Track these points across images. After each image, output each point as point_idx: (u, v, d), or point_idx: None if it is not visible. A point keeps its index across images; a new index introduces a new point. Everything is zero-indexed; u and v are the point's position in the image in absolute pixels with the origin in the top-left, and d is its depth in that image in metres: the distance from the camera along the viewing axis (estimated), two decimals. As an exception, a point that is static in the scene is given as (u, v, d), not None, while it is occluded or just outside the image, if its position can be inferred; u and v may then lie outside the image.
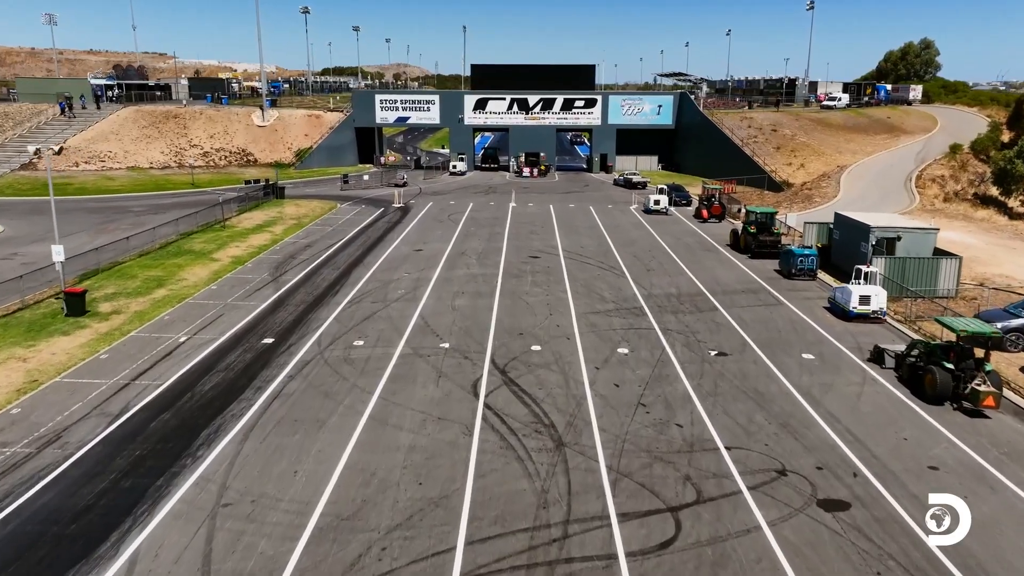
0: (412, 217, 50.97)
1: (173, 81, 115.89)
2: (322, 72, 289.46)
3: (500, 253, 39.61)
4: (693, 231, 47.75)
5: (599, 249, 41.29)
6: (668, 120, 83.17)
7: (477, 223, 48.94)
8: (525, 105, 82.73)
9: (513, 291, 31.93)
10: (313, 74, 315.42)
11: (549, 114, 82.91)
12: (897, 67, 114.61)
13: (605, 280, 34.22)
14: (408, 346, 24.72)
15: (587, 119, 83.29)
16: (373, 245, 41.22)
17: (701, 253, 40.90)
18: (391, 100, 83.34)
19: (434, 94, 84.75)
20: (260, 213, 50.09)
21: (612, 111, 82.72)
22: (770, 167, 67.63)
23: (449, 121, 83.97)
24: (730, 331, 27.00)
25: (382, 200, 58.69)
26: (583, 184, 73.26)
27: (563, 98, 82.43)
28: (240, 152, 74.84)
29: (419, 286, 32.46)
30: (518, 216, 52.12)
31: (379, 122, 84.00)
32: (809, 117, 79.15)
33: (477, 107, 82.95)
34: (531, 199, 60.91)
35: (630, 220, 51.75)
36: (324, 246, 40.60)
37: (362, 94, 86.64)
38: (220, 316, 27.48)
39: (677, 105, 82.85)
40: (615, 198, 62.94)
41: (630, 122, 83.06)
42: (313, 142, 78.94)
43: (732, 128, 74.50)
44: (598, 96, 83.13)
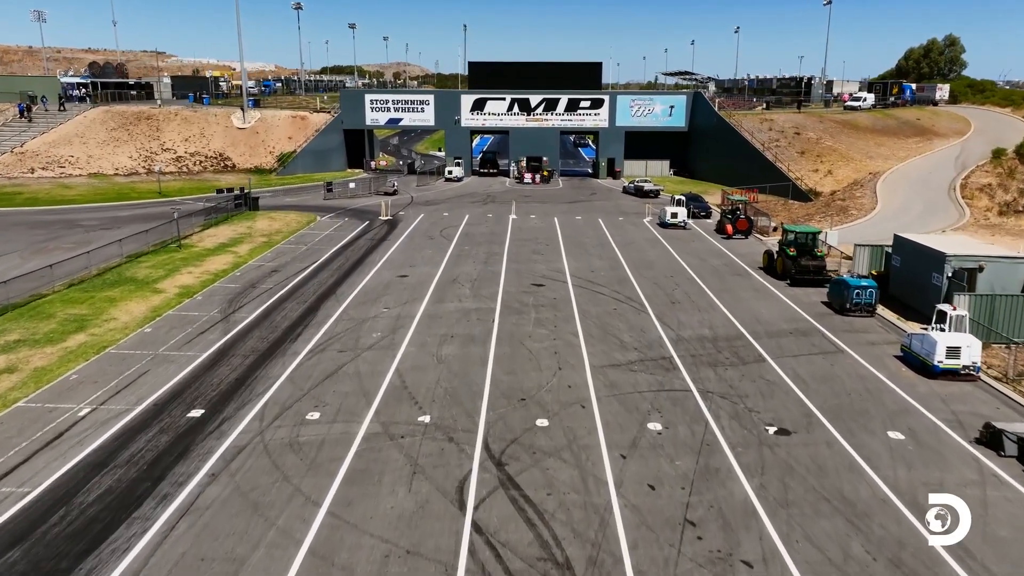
0: (400, 232, 45.51)
1: (155, 80, 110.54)
2: (320, 71, 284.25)
3: (498, 280, 34.15)
4: (718, 250, 42.25)
5: (613, 274, 35.81)
6: (680, 122, 77.70)
7: (473, 240, 43.50)
8: (526, 106, 77.30)
9: (513, 333, 26.45)
10: (310, 73, 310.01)
11: (552, 115, 77.46)
12: (920, 65, 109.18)
13: (623, 317, 28.75)
14: (377, 420, 19.25)
15: (593, 121, 77.85)
16: (351, 269, 35.74)
17: (732, 279, 35.40)
18: (382, 100, 77.89)
19: (428, 94, 79.39)
20: (227, 229, 44.61)
21: (620, 112, 77.26)
22: (794, 174, 62.15)
23: (445, 123, 78.54)
24: (786, 393, 21.51)
25: (368, 211, 53.22)
26: (589, 192, 67.80)
27: (567, 98, 77.00)
28: (217, 157, 69.41)
29: (399, 326, 26.98)
30: (519, 231, 46.67)
31: (369, 124, 78.55)
32: (834, 119, 73.64)
33: (475, 108, 77.52)
34: (533, 210, 55.46)
35: (644, 235, 46.28)
36: (294, 271, 35.12)
37: (351, 94, 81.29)
38: (144, 374, 22.00)
39: (690, 106, 77.39)
40: (625, 208, 57.47)
41: (640, 124, 77.60)
42: (297, 146, 73.51)
43: (751, 131, 69.03)
44: (605, 96, 77.69)
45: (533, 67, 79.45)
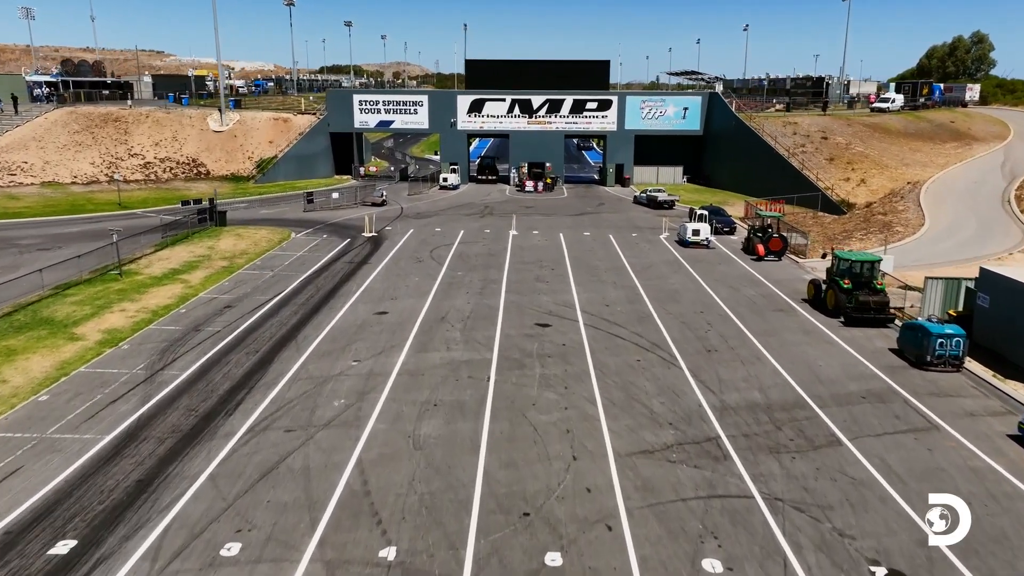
0: (384, 253, 40.00)
1: (135, 79, 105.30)
2: (319, 70, 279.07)
3: (495, 317, 28.66)
4: (750, 276, 36.71)
5: (631, 308, 30.30)
6: (695, 125, 72.20)
7: (467, 263, 38.00)
8: (528, 107, 71.82)
9: (512, 399, 20.97)
10: (308, 72, 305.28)
11: (556, 118, 71.98)
12: (944, 64, 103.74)
13: (650, 372, 23.25)
14: (320, 558, 13.73)
15: (600, 124, 72.35)
16: (321, 303, 30.23)
17: (773, 316, 29.88)
18: (371, 101, 72.41)
19: (422, 94, 73.89)
20: (184, 250, 39.08)
21: (630, 115, 71.77)
22: (824, 183, 56.64)
23: (440, 126, 73.05)
24: (883, 502, 16.00)
25: (351, 226, 47.72)
26: (597, 202, 62.29)
27: (572, 99, 71.51)
28: (189, 163, 63.94)
29: (369, 389, 21.49)
30: (520, 251, 41.17)
31: (358, 127, 73.06)
32: (862, 122, 68.13)
33: (472, 109, 72.05)
34: (536, 224, 49.97)
35: (663, 257, 40.78)
36: (252, 306, 29.63)
37: (338, 94, 75.82)
38: (11, 475, 16.47)
39: (706, 108, 71.88)
40: (638, 222, 51.98)
41: (651, 127, 72.11)
42: (278, 151, 68.04)
43: (774, 135, 63.53)
44: (614, 97, 72.19)
45: (535, 66, 73.99)
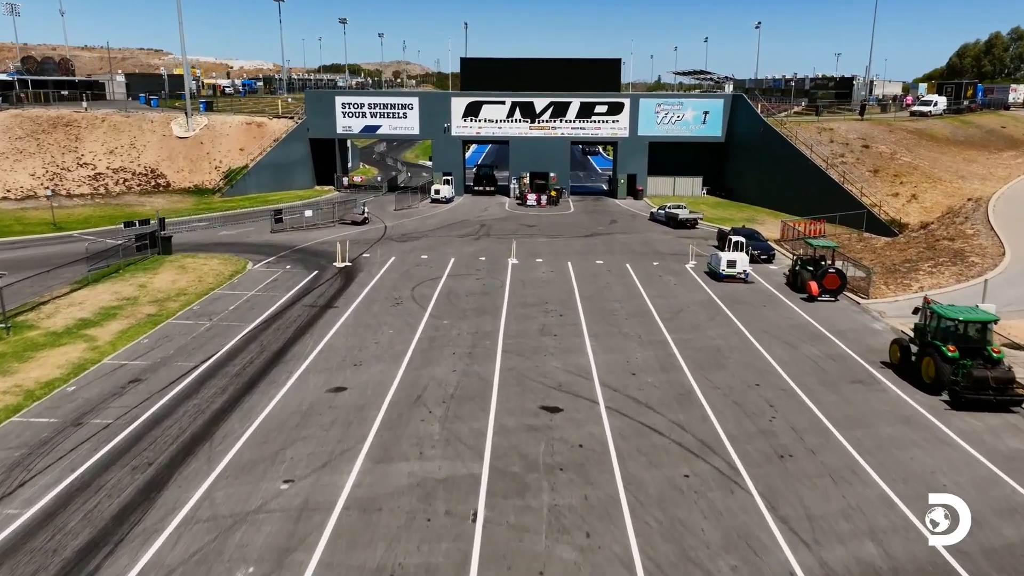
0: (355, 292, 33.10)
1: (107, 78, 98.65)
2: (318, 69, 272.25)
3: (488, 397, 21.76)
4: (806, 324, 29.76)
5: (666, 380, 23.38)
6: (716, 131, 65.30)
7: (455, 306, 31.11)
8: (530, 111, 64.94)
9: (510, 562, 14.07)
10: (307, 71, 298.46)
11: (561, 123, 65.09)
12: (980, 63, 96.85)
13: (707, 503, 16.31)
14: None
15: (611, 129, 65.45)
16: (259, 375, 23.28)
17: (853, 391, 22.94)
18: (356, 104, 65.51)
19: (411, 96, 67.02)
20: (107, 290, 32.09)
21: (644, 119, 64.89)
22: (869, 199, 49.75)
23: (432, 131, 66.16)
24: None
25: (322, 252, 40.83)
26: (608, 219, 55.38)
27: (580, 102, 64.62)
28: (147, 173, 57.08)
29: (295, 547, 14.51)
30: (521, 287, 34.27)
31: (341, 132, 66.19)
32: (905, 128, 61.22)
33: (468, 113, 65.17)
34: (539, 248, 43.08)
35: (694, 295, 33.87)
36: (167, 379, 22.69)
37: (318, 96, 68.80)
38: None
39: (729, 112, 64.97)
40: (659, 245, 45.06)
41: (667, 133, 65.21)
42: (250, 159, 61.16)
43: (808, 143, 56.60)
44: (626, 100, 65.27)
45: (538, 65, 67.13)
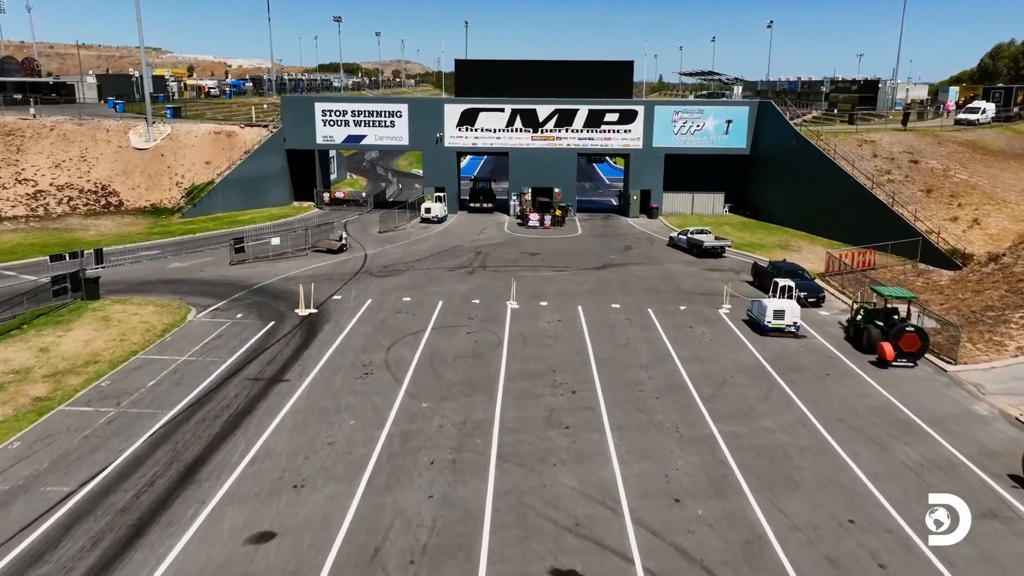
0: (314, 355, 26.71)
1: (76, 79, 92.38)
2: (318, 68, 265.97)
3: (474, 550, 15.37)
4: (889, 407, 23.28)
5: (724, 512, 16.92)
6: (741, 143, 58.89)
7: (439, 378, 24.72)
8: (533, 119, 58.56)
9: None
10: (305, 71, 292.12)
11: (568, 133, 58.71)
12: (1018, 64, 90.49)
13: None
14: None
15: (622, 140, 59.06)
16: (156, 510, 16.78)
17: (985, 529, 16.54)
18: (338, 111, 59.12)
19: (400, 103, 60.58)
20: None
21: (659, 129, 58.51)
22: (925, 224, 43.37)
23: (423, 142, 59.77)
24: None
25: (284, 294, 34.40)
26: (622, 243, 48.99)
27: (588, 109, 58.26)
28: (98, 191, 50.70)
29: None
30: (522, 346, 27.87)
31: (321, 143, 59.80)
32: (955, 140, 54.79)
33: (463, 122, 58.80)
34: (544, 286, 36.68)
35: (737, 357, 27.47)
36: (18, 522, 16.28)
37: (295, 102, 62.35)
38: None
39: (754, 121, 58.56)
40: (683, 281, 38.65)
41: (685, 145, 58.82)
42: (217, 173, 54.77)
43: (849, 158, 50.19)
44: (639, 107, 58.85)
45: (541, 68, 60.78)
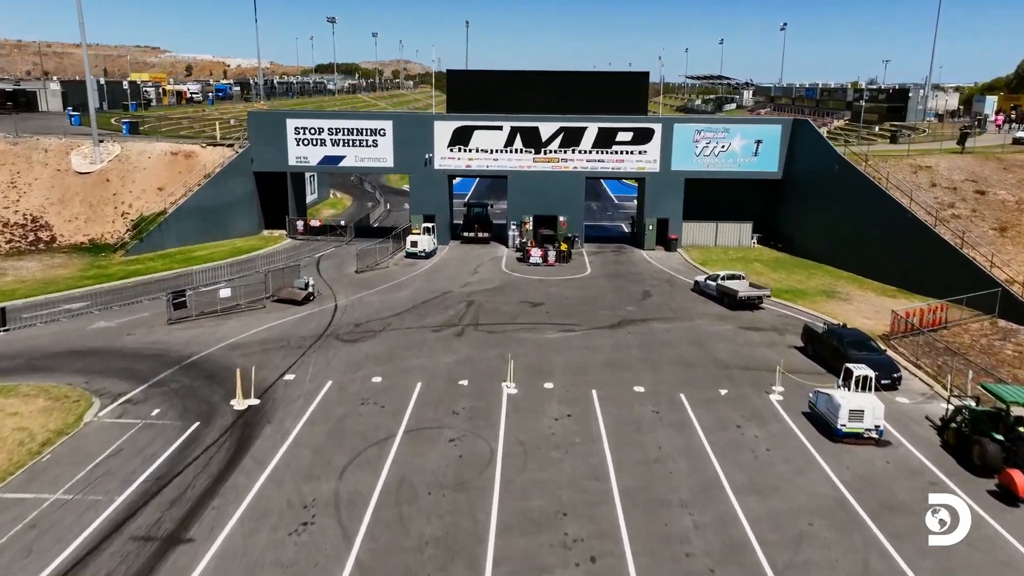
0: (240, 486, 19.72)
1: (39, 86, 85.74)
2: (316, 69, 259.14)
3: None
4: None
5: None
6: (772, 166, 51.96)
7: (405, 531, 17.69)
8: (535, 139, 51.71)
9: None
10: (303, 72, 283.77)
11: (574, 154, 51.86)
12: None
13: None
14: None
15: (637, 162, 52.17)
16: None
17: None
18: (313, 129, 52.23)
19: (384, 119, 53.56)
20: None
21: (679, 150, 51.62)
22: (1003, 272, 36.43)
23: (410, 163, 52.87)
24: None
25: (222, 375, 27.43)
26: (639, 288, 42.05)
27: (597, 128, 51.40)
28: (27, 224, 43.82)
29: None
30: (520, 474, 20.78)
31: (294, 164, 52.91)
32: (1020, 163, 47.77)
33: (456, 141, 51.95)
34: (548, 359, 29.69)
35: (807, 483, 20.50)
36: None
37: (264, 118, 55.23)
38: None
39: (787, 141, 51.61)
40: (717, 346, 31.65)
41: (709, 168, 51.94)
42: (171, 202, 47.87)
43: (904, 187, 43.21)
44: (656, 125, 51.91)
45: (544, 80, 53.96)
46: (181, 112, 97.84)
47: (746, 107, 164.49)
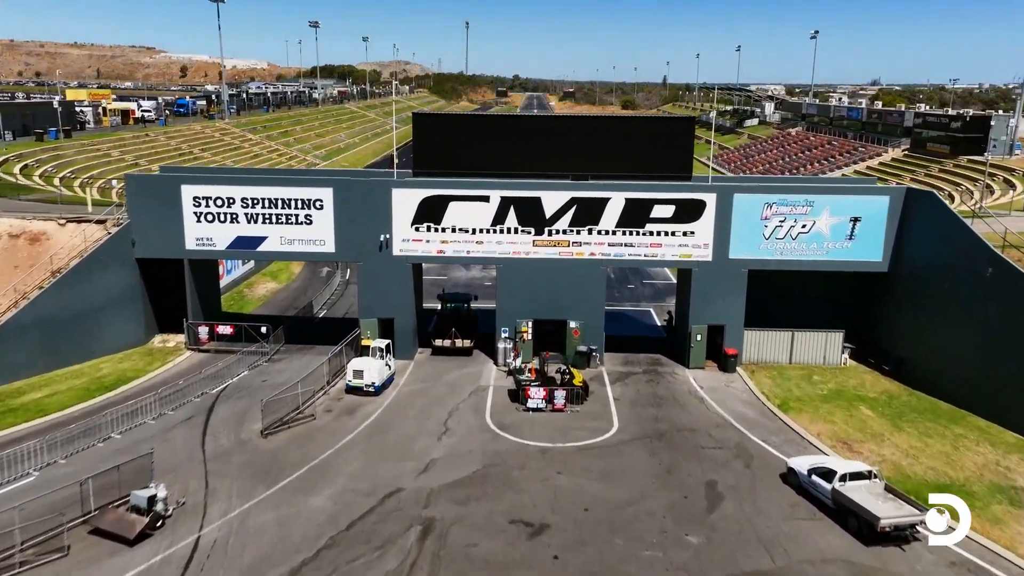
0: None
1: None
2: (310, 72, 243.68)
3: None
4: None
5: None
6: (874, 253, 36.81)
7: None
8: (535, 213, 36.73)
9: None
10: (299, 74, 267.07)
11: (592, 235, 36.83)
12: None
13: None
14: None
15: (681, 247, 37.07)
16: None
17: None
18: (220, 199, 37.17)
19: (322, 185, 38.14)
20: None
21: (740, 229, 36.61)
22: None
23: (358, 247, 37.61)
24: None
25: None
26: (699, 473, 26.73)
27: (625, 198, 36.42)
28: None
29: None
30: None
31: (194, 248, 37.74)
32: None
33: (424, 216, 36.95)
34: None
35: None
36: None
37: (149, 184, 39.09)
38: None
39: (897, 219, 36.53)
40: None
41: (782, 256, 36.89)
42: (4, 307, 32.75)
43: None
44: (708, 196, 36.75)
45: (546, 127, 39.15)
46: (113, 140, 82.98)
47: (771, 123, 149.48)
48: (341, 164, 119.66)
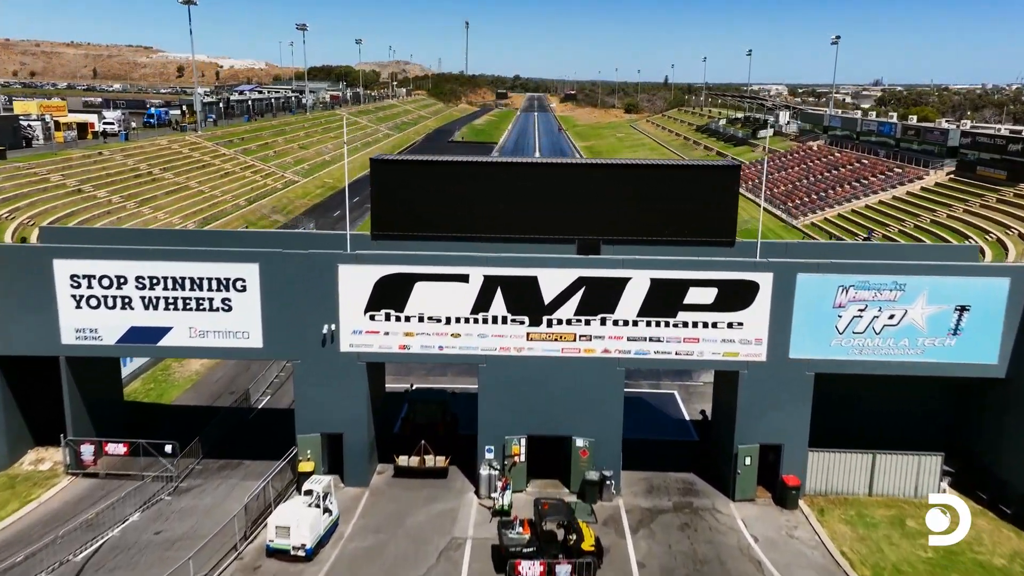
0: None
1: None
2: (309, 71, 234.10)
3: None
4: None
5: None
6: (988, 355, 27.50)
7: None
8: (531, 297, 27.45)
9: None
10: (297, 74, 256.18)
11: (605, 326, 27.56)
12: None
13: None
14: None
15: (724, 342, 27.76)
16: None
17: None
18: (107, 279, 27.93)
19: (246, 260, 29.04)
20: None
21: (805, 321, 27.29)
22: None
23: (294, 342, 28.21)
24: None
25: None
26: None
27: (650, 278, 27.17)
28: None
29: None
30: None
31: (73, 343, 28.36)
32: None
33: (381, 300, 27.66)
34: None
35: None
36: None
37: (9, 256, 29.64)
38: None
39: (1022, 308, 27.25)
40: None
41: (860, 356, 27.55)
42: None
43: None
44: (763, 276, 27.49)
45: (543, 176, 29.73)
46: (58, 160, 73.54)
47: (787, 134, 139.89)
48: (324, 180, 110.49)
